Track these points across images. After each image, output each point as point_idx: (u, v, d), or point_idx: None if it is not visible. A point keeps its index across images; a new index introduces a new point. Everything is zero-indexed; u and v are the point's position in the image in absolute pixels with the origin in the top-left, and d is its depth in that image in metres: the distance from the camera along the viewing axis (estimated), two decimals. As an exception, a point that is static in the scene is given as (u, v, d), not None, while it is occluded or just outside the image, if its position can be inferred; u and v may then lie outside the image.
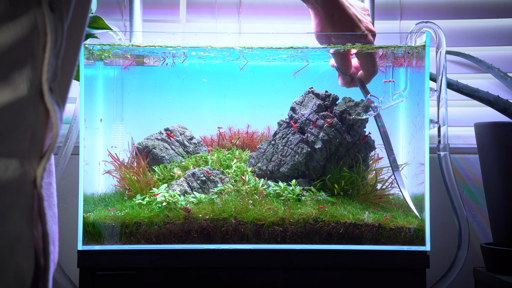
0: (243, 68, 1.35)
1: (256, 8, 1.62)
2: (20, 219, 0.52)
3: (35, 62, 0.52)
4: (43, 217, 0.54)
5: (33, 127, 0.52)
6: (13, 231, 0.51)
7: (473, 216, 1.56)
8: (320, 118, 1.32)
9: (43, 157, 0.54)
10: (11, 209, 0.51)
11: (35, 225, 0.54)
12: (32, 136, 0.52)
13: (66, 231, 1.54)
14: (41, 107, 0.53)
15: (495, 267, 1.31)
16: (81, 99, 1.23)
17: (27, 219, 0.52)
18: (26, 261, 0.52)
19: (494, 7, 1.60)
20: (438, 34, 1.26)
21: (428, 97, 1.22)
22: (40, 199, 0.54)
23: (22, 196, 0.52)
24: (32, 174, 0.53)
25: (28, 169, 0.52)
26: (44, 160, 0.54)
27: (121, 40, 1.34)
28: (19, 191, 0.52)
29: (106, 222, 1.19)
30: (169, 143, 1.43)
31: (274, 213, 1.20)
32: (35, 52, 0.52)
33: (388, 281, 1.18)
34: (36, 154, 0.53)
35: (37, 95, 0.52)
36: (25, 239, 0.52)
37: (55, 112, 0.53)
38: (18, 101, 0.50)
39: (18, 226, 0.51)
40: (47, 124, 0.54)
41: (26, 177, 0.52)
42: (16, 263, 0.51)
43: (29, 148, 0.52)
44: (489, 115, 1.53)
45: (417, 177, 1.26)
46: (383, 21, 1.60)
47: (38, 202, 0.54)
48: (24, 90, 0.51)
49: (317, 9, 1.14)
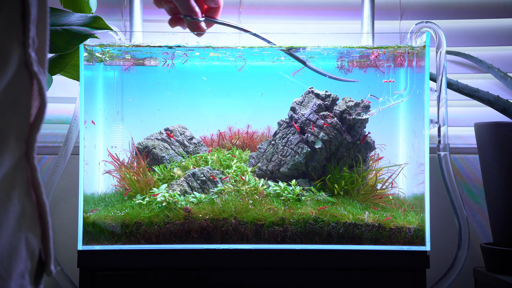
0: (241, 68, 1.35)
1: (256, 8, 1.62)
2: (22, 194, 0.53)
3: (17, 32, 0.51)
4: (38, 187, 0.55)
5: (20, 99, 0.52)
6: (18, 207, 0.52)
7: (473, 216, 1.56)
8: (320, 118, 1.32)
9: (33, 128, 0.54)
10: (14, 185, 0.52)
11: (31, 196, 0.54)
12: (19, 107, 0.52)
13: (66, 231, 1.54)
14: (26, 77, 0.52)
15: (495, 267, 1.31)
16: (81, 99, 1.23)
17: (26, 193, 0.53)
18: (33, 232, 0.54)
19: (494, 7, 1.60)
20: (438, 34, 1.26)
21: (428, 97, 1.22)
22: (34, 170, 0.54)
23: (20, 170, 0.53)
24: (24, 146, 0.53)
25: (21, 142, 0.53)
26: (34, 131, 0.54)
27: (121, 40, 1.34)
28: (17, 166, 0.52)
29: (106, 222, 1.19)
30: (169, 143, 1.43)
31: (274, 213, 1.20)
32: (15, 22, 0.51)
33: (388, 281, 1.18)
34: (26, 125, 0.53)
35: (21, 66, 0.52)
36: (29, 211, 0.54)
37: (40, 81, 0.53)
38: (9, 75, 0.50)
39: (22, 201, 0.53)
40: (32, 94, 0.53)
41: (21, 150, 0.53)
42: (26, 237, 0.53)
43: (20, 120, 0.52)
44: (489, 115, 1.53)
45: (417, 177, 1.26)
46: (383, 21, 1.60)
47: (32, 174, 0.54)
48: (13, 63, 0.50)
49: None
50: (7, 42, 0.50)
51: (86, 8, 1.25)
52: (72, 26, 1.10)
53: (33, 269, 0.54)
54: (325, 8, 1.62)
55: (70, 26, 1.10)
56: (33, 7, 0.52)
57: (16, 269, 0.51)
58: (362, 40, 1.38)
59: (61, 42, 1.09)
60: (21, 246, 0.52)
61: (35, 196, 0.55)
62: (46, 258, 0.56)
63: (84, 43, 1.22)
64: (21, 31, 0.51)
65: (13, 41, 0.50)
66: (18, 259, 0.52)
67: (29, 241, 0.53)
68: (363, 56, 1.32)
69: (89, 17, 1.11)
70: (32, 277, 0.54)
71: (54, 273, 0.57)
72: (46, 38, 0.57)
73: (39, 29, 0.55)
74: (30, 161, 0.54)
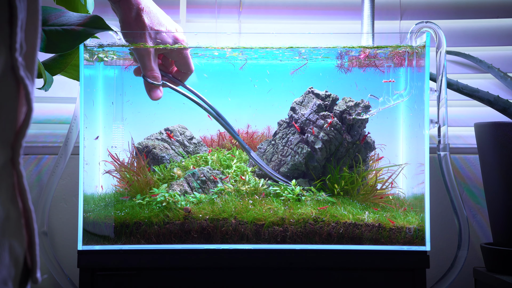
0: (242, 68, 1.35)
1: (256, 8, 1.62)
2: (6, 199, 0.52)
3: (4, 37, 0.51)
4: (24, 194, 0.54)
5: (6, 104, 0.52)
6: (2, 213, 0.51)
7: (473, 216, 1.56)
8: (320, 118, 1.32)
9: (18, 134, 0.53)
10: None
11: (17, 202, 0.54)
12: (4, 112, 0.52)
13: (66, 231, 1.54)
14: (12, 82, 0.52)
15: (495, 267, 1.31)
16: (81, 99, 1.23)
17: (11, 199, 0.53)
18: (17, 239, 0.53)
19: (494, 7, 1.60)
20: (438, 34, 1.26)
21: (428, 97, 1.22)
22: (19, 176, 0.54)
23: (5, 176, 0.52)
24: (10, 152, 0.53)
25: (6, 147, 0.52)
26: (20, 136, 0.53)
27: (121, 40, 1.34)
28: (2, 172, 0.52)
29: (106, 222, 1.19)
30: (169, 143, 1.43)
31: (274, 213, 1.20)
32: (2, 26, 0.50)
33: (388, 281, 1.18)
34: (12, 131, 0.53)
35: (7, 70, 0.51)
36: (13, 217, 0.53)
37: (27, 86, 0.52)
38: None
39: (6, 206, 0.52)
40: (19, 99, 0.53)
41: (6, 156, 0.52)
42: (9, 243, 0.52)
43: (5, 126, 0.52)
44: (489, 115, 1.53)
45: (417, 177, 1.26)
46: (383, 21, 1.60)
47: (17, 179, 0.54)
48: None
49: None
50: None
51: (80, 5, 1.25)
52: (72, 26, 1.10)
53: (17, 276, 0.54)
54: (325, 8, 1.62)
55: (70, 26, 1.10)
56: (20, 12, 0.52)
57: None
58: (362, 40, 1.38)
59: (61, 42, 1.09)
60: (4, 252, 0.51)
61: (21, 202, 0.54)
62: (32, 265, 0.55)
63: (84, 43, 1.22)
64: (8, 35, 0.51)
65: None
66: (0, 265, 0.51)
67: (13, 247, 0.53)
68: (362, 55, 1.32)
69: (89, 17, 1.11)
70: (16, 285, 0.53)
71: (39, 281, 0.56)
72: (36, 44, 0.57)
73: (28, 35, 0.55)
74: (16, 167, 0.53)
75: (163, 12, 1.17)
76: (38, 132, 1.59)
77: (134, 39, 1.14)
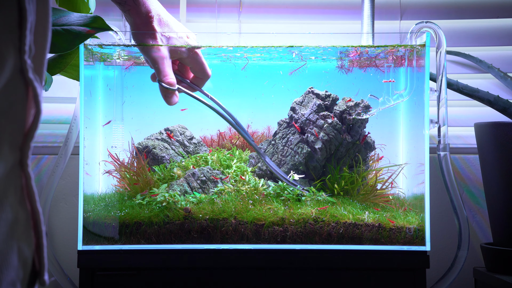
0: (243, 68, 1.35)
1: (256, 8, 1.62)
2: (15, 202, 0.52)
3: (13, 39, 0.51)
4: (32, 196, 0.54)
5: (14, 106, 0.52)
6: (11, 215, 0.52)
7: (473, 216, 1.56)
8: (320, 118, 1.32)
9: (27, 136, 0.54)
10: (7, 193, 0.51)
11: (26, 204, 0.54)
12: (13, 114, 0.52)
13: (66, 231, 1.54)
14: (21, 84, 0.52)
15: (495, 267, 1.31)
16: (81, 99, 1.23)
17: (20, 201, 0.53)
18: (26, 241, 0.53)
19: (494, 7, 1.60)
20: (438, 34, 1.26)
21: (428, 97, 1.22)
22: (28, 178, 0.54)
23: (14, 178, 0.52)
24: (18, 154, 0.53)
25: (15, 149, 0.52)
26: (29, 139, 0.54)
27: (121, 40, 1.34)
28: (11, 174, 0.52)
29: (106, 222, 1.19)
30: (169, 143, 1.43)
31: (274, 213, 1.20)
32: (12, 29, 0.51)
33: (388, 281, 1.18)
34: (21, 133, 0.53)
35: (17, 72, 0.51)
36: (22, 220, 0.53)
37: (35, 89, 0.53)
38: (3, 81, 0.50)
39: (14, 209, 0.52)
40: (27, 101, 0.53)
41: (15, 158, 0.52)
42: (18, 245, 0.52)
43: (14, 128, 0.52)
44: (489, 115, 1.53)
45: (417, 177, 1.26)
46: (383, 21, 1.60)
47: (26, 181, 0.54)
48: (8, 69, 0.50)
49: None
50: (2, 47, 0.50)
51: (83, 6, 1.25)
52: (72, 26, 1.10)
53: (26, 278, 0.54)
54: (325, 8, 1.62)
55: (70, 26, 1.10)
56: (30, 15, 0.52)
57: (6, 277, 0.51)
58: (362, 40, 1.38)
59: (61, 42, 1.09)
60: (12, 254, 0.52)
61: (29, 205, 0.54)
62: (40, 267, 0.55)
63: (84, 43, 1.22)
64: (17, 37, 0.51)
65: (9, 47, 0.50)
66: (9, 267, 0.51)
67: (21, 249, 0.53)
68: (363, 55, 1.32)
69: (89, 17, 1.11)
70: (24, 286, 0.54)
71: (47, 283, 0.56)
72: (45, 46, 0.57)
73: (37, 37, 0.55)
74: (24, 169, 0.54)
75: (175, 20, 1.17)
76: (38, 132, 1.58)
77: (145, 44, 1.13)
